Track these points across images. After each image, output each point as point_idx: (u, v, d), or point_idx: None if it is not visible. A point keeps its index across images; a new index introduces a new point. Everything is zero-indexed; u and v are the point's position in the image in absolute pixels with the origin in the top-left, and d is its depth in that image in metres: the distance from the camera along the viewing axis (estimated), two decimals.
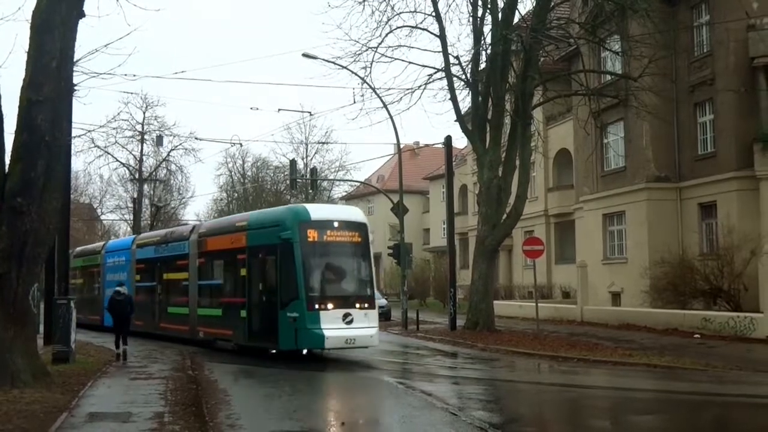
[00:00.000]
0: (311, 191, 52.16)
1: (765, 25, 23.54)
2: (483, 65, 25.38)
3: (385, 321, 29.00)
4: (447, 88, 25.23)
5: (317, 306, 16.29)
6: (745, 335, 20.24)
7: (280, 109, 62.22)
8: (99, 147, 50.29)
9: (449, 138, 27.70)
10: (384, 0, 24.71)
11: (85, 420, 9.89)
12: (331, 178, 58.69)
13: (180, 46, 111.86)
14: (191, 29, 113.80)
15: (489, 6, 24.66)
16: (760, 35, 23.43)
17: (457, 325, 24.84)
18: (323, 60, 25.38)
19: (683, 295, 23.60)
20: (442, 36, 25.08)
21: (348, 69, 25.26)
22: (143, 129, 52.12)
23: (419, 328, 26.43)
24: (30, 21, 12.58)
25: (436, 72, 25.27)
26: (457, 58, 25.65)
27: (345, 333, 16.36)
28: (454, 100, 25.30)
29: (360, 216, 18.27)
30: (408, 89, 25.66)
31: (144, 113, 51.70)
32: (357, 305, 16.83)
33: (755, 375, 15.30)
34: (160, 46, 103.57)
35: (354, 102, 28.41)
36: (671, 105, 26.14)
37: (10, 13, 33.79)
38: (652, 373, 15.89)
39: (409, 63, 25.99)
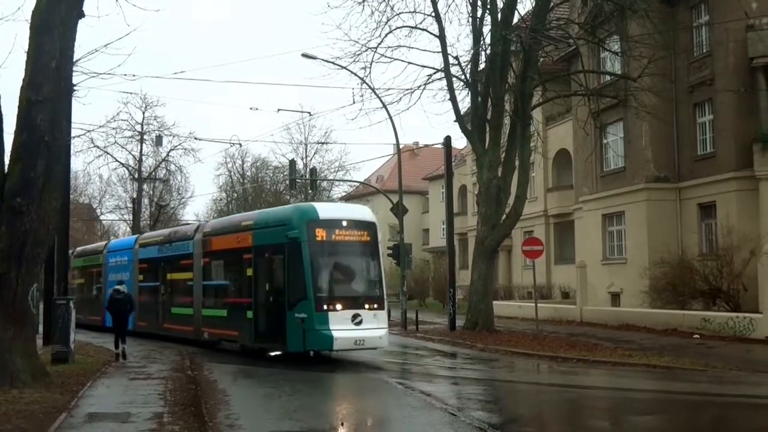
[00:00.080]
0: (311, 191, 52.16)
1: (764, 26, 23.55)
2: (482, 65, 25.37)
3: None
4: (446, 88, 25.25)
5: (326, 307, 16.01)
6: (745, 335, 20.24)
7: (279, 110, 61.89)
8: (98, 147, 50.26)
9: (449, 138, 27.71)
10: (383, 0, 24.78)
11: (84, 420, 9.89)
12: (331, 178, 58.68)
13: (179, 46, 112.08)
14: (191, 29, 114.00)
15: (488, 6, 24.67)
16: (759, 35, 23.44)
17: (457, 326, 24.85)
18: (323, 60, 25.45)
19: (683, 296, 23.62)
20: (441, 36, 25.11)
21: (347, 69, 25.33)
22: (143, 129, 52.07)
23: (418, 328, 26.43)
24: (29, 21, 12.59)
25: (435, 72, 25.31)
26: (457, 58, 25.71)
27: (354, 334, 16.09)
28: (453, 100, 25.31)
29: (369, 215, 17.88)
30: (407, 89, 25.75)
31: (143, 113, 51.68)
32: (366, 306, 16.54)
33: (754, 375, 15.31)
34: (159, 46, 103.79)
35: (353, 102, 28.53)
36: (671, 105, 26.14)
37: (9, 13, 33.87)
38: (651, 374, 15.90)
39: (409, 63, 25.90)
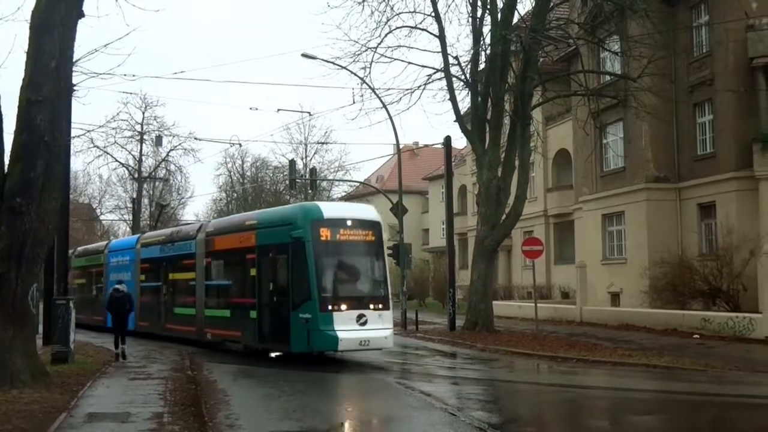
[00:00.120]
0: (310, 191, 52.14)
1: (764, 26, 23.55)
2: (482, 65, 25.37)
3: None
4: (446, 88, 25.24)
5: (330, 307, 15.89)
6: (744, 335, 20.25)
7: (279, 110, 61.85)
8: (98, 147, 50.31)
9: (448, 138, 27.70)
10: (383, 0, 24.78)
11: (84, 420, 9.89)
12: (331, 178, 58.65)
13: (179, 46, 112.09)
14: (191, 29, 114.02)
15: (488, 6, 24.66)
16: (759, 35, 23.45)
17: (456, 326, 24.86)
18: (322, 60, 25.43)
19: (682, 296, 23.62)
20: (441, 36, 25.10)
21: (347, 69, 25.31)
22: (142, 129, 52.09)
23: (418, 328, 26.44)
24: (29, 21, 12.59)
25: (435, 72, 25.31)
26: (457, 58, 25.70)
27: (359, 334, 15.99)
28: (453, 100, 25.30)
29: (374, 214, 17.76)
30: (407, 89, 25.73)
31: (143, 113, 51.71)
32: (371, 306, 16.43)
33: (754, 375, 15.31)
34: (159, 46, 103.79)
35: (353, 102, 28.47)
36: (670, 105, 26.14)
37: (9, 13, 33.83)
38: (651, 374, 15.90)
39: (409, 63, 25.87)
